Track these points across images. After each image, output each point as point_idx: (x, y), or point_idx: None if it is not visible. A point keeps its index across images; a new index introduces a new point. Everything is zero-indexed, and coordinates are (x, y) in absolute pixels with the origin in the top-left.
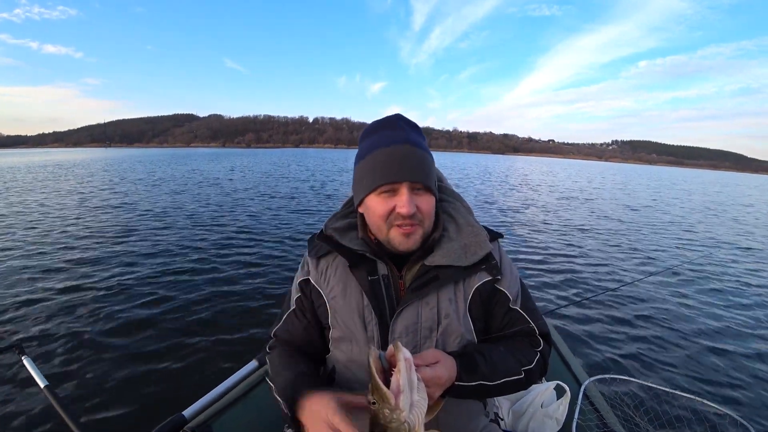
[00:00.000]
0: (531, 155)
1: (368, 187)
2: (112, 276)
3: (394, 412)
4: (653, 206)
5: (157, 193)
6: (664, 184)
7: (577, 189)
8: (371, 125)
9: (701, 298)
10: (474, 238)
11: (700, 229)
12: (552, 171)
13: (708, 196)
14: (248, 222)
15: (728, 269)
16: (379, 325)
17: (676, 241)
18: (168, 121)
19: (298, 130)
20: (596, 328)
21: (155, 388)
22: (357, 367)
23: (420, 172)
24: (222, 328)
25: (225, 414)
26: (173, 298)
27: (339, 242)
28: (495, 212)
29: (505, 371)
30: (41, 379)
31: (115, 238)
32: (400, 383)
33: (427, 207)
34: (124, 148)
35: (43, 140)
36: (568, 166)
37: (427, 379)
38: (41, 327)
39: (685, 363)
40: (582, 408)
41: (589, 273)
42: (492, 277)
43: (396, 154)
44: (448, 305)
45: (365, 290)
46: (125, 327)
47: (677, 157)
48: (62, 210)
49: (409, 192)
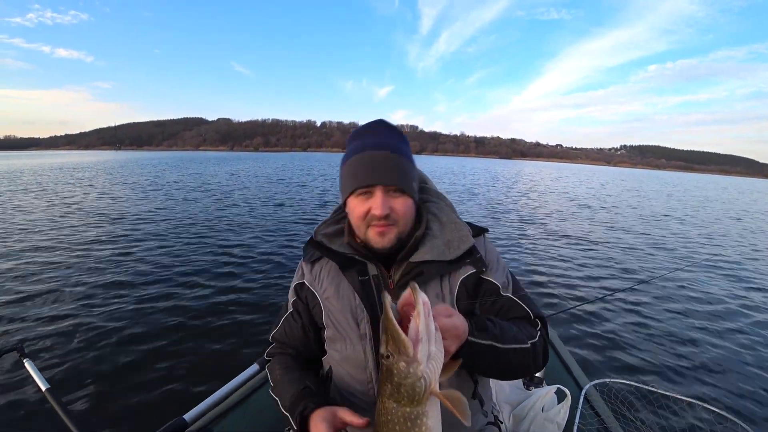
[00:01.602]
0: (539, 160)
1: (348, 189)
2: (113, 280)
3: (411, 364)
4: (670, 214)
5: (163, 196)
6: (677, 190)
7: (589, 195)
8: (355, 131)
9: (705, 302)
10: (456, 234)
11: (699, 234)
12: (561, 176)
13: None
14: (252, 229)
15: (733, 274)
16: (371, 323)
17: (677, 246)
18: (177, 124)
19: (306, 134)
20: (597, 332)
21: (156, 392)
22: (351, 365)
23: (394, 176)
24: (223, 332)
25: (226, 418)
26: (175, 301)
27: (329, 247)
28: (500, 215)
29: (513, 337)
30: (42, 382)
31: (117, 242)
32: (420, 329)
33: (402, 208)
34: (134, 151)
35: (56, 142)
36: (577, 171)
37: (444, 328)
38: (43, 329)
39: (687, 367)
40: (583, 412)
41: (590, 277)
42: (477, 269)
43: (372, 159)
44: (435, 300)
45: (356, 290)
46: (127, 330)
47: (687, 162)
48: (64, 211)
49: (383, 194)
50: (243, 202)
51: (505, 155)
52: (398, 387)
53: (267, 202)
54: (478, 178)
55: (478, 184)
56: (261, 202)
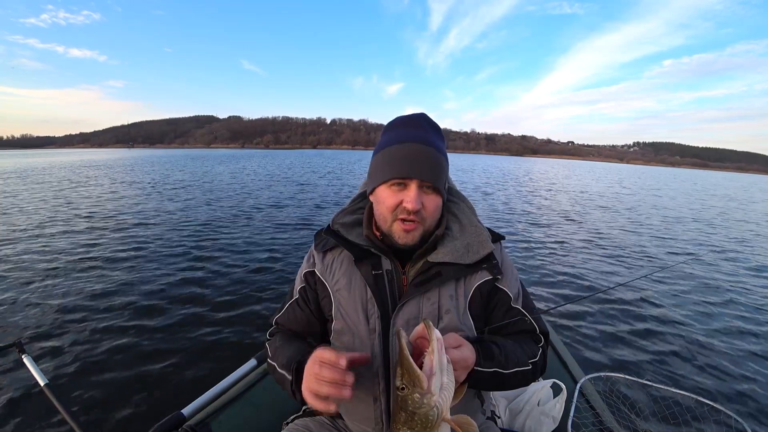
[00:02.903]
0: (550, 157)
1: (381, 178)
2: (111, 276)
3: (424, 396)
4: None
5: (161, 195)
6: (695, 189)
7: (601, 193)
8: (395, 120)
9: (699, 296)
10: (477, 238)
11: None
12: (575, 174)
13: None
14: (248, 223)
15: (730, 269)
16: (381, 318)
17: (679, 238)
18: (189, 122)
19: (316, 131)
20: (592, 326)
21: (155, 387)
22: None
23: (431, 172)
24: (221, 327)
25: (223, 412)
26: (173, 297)
27: (345, 237)
28: (505, 213)
29: (516, 361)
30: (41, 378)
31: (115, 238)
32: (434, 364)
33: (432, 206)
34: (146, 148)
35: (71, 141)
36: (590, 168)
37: (455, 360)
38: (42, 326)
39: (681, 360)
40: (578, 406)
41: (586, 272)
42: (492, 276)
43: (412, 151)
44: (448, 301)
45: (369, 284)
46: (125, 325)
47: (702, 159)
48: (66, 212)
49: (418, 189)
50: (241, 201)
51: (516, 152)
52: (412, 415)
53: (266, 199)
54: (488, 176)
55: (489, 183)
56: (265, 200)
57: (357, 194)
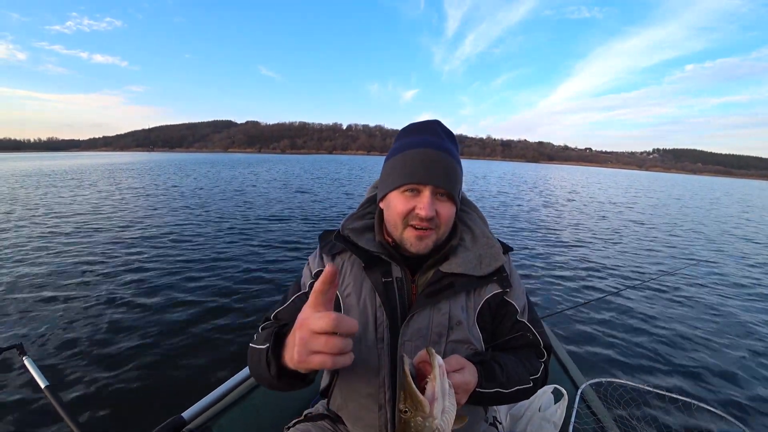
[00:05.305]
0: (567, 164)
1: (394, 183)
2: (114, 278)
3: (427, 419)
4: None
5: (163, 197)
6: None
7: (609, 199)
8: (410, 126)
9: (700, 302)
10: (489, 250)
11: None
12: (592, 182)
13: None
14: (251, 228)
15: (735, 276)
16: (390, 327)
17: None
18: (207, 127)
19: (332, 136)
20: (594, 332)
21: (155, 390)
22: (363, 368)
23: (446, 180)
24: (222, 331)
25: (224, 416)
26: (174, 301)
27: (355, 243)
28: (508, 217)
29: (517, 380)
30: (42, 379)
31: (119, 241)
32: (436, 390)
33: (446, 214)
34: (166, 152)
35: (94, 144)
36: (609, 176)
37: (457, 384)
38: (42, 327)
39: (684, 367)
40: (579, 411)
41: (588, 276)
42: (502, 289)
43: (426, 157)
44: (459, 313)
45: (378, 291)
46: (126, 328)
47: (725, 167)
48: (67, 213)
49: (432, 196)
50: (245, 206)
51: (532, 159)
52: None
53: (267, 205)
54: (504, 183)
55: (504, 192)
56: (271, 208)
57: (365, 199)
